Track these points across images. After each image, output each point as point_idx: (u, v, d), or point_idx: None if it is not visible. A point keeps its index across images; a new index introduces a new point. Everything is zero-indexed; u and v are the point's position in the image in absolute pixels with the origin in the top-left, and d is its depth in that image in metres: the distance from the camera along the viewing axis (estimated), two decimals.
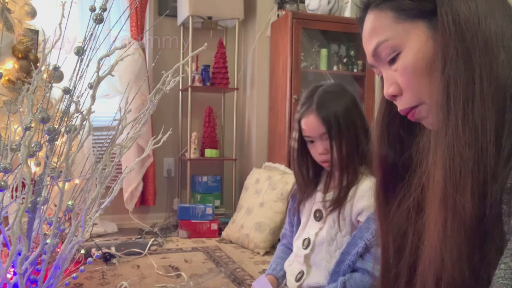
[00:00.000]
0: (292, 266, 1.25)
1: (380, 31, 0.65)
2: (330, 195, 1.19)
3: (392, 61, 0.65)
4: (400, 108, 0.67)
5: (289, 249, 1.34)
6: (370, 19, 0.67)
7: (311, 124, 1.17)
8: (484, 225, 0.56)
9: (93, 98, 0.79)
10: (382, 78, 0.70)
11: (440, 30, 0.60)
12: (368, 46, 0.68)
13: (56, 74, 1.00)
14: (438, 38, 0.60)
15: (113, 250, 2.18)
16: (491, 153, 0.56)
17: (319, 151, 1.17)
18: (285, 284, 1.28)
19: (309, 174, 1.25)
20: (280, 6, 3.07)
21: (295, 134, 1.23)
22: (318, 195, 1.23)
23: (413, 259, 0.69)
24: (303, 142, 1.22)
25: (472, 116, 0.56)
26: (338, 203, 1.16)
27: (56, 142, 0.90)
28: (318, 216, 1.21)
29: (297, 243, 1.25)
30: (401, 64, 0.63)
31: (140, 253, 2.25)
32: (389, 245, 0.76)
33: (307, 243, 1.21)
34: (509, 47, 0.58)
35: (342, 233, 1.16)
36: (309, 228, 1.23)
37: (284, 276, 1.29)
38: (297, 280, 1.20)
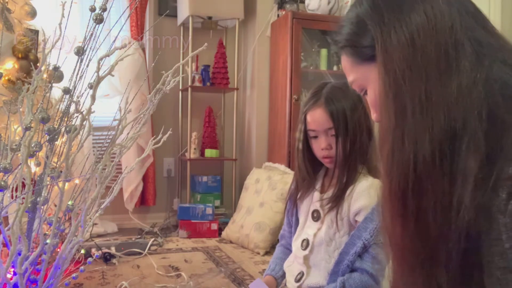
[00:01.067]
0: (292, 266, 1.25)
1: (348, 72, 0.71)
2: (327, 194, 1.19)
3: (365, 94, 0.71)
4: None
5: (288, 250, 1.34)
6: (342, 57, 0.72)
7: (318, 118, 1.16)
8: (439, 259, 0.58)
9: (93, 98, 0.79)
10: None
11: (378, 73, 0.63)
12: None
13: (56, 74, 1.00)
14: (382, 78, 0.63)
15: (113, 250, 2.18)
16: (432, 184, 0.57)
17: (322, 146, 1.17)
18: (285, 285, 1.28)
19: (309, 170, 1.25)
20: (280, 6, 3.07)
21: (299, 132, 1.23)
22: (316, 195, 1.23)
23: None
24: (307, 140, 1.21)
25: (402, 152, 0.59)
26: (336, 201, 1.15)
27: (56, 142, 0.90)
28: (316, 216, 1.21)
29: (296, 244, 1.25)
30: (369, 100, 0.70)
31: (140, 253, 2.25)
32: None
33: (305, 244, 1.21)
34: (459, 67, 0.58)
35: (341, 233, 1.16)
36: (307, 229, 1.23)
37: (283, 276, 1.29)
38: (297, 280, 1.20)
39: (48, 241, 0.83)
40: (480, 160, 0.55)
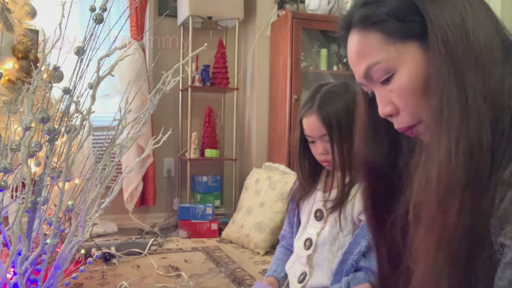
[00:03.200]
0: (294, 267, 1.24)
1: (369, 54, 0.64)
2: (331, 196, 1.19)
3: (386, 81, 0.64)
4: (397, 126, 0.66)
5: (288, 251, 1.34)
6: (356, 40, 0.65)
7: (311, 124, 1.17)
8: (475, 247, 0.56)
9: (93, 98, 0.79)
10: (372, 92, 0.68)
11: (431, 51, 0.59)
12: (358, 67, 0.66)
13: (56, 74, 1.00)
14: (431, 58, 0.59)
15: (113, 250, 2.18)
16: (486, 172, 0.55)
17: (319, 151, 1.17)
18: (287, 286, 1.27)
19: (309, 172, 1.25)
20: (280, 6, 3.07)
21: (297, 133, 1.23)
22: (319, 195, 1.23)
23: (408, 277, 0.67)
24: (304, 140, 1.21)
25: (467, 136, 0.55)
26: (340, 203, 1.15)
27: (56, 142, 0.90)
28: (319, 215, 1.21)
29: (298, 244, 1.25)
30: (396, 85, 0.62)
31: (140, 253, 2.25)
32: (384, 259, 0.75)
33: (309, 243, 1.20)
34: (497, 58, 0.58)
35: (344, 233, 1.16)
36: (310, 228, 1.23)
37: (285, 277, 1.29)
38: (300, 281, 1.20)
39: (48, 241, 0.83)
40: (503, 152, 0.55)
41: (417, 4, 0.60)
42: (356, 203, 1.14)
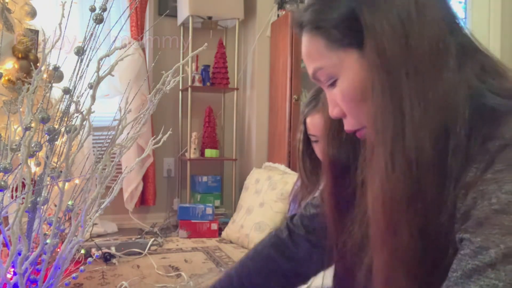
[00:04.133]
0: None
1: (315, 58, 0.63)
2: None
3: (331, 85, 0.63)
4: (346, 128, 0.66)
5: None
6: (305, 41, 0.65)
7: (318, 123, 1.16)
8: (431, 260, 0.55)
9: (93, 98, 0.79)
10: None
11: (367, 60, 0.57)
12: (308, 68, 0.66)
13: (56, 74, 1.00)
14: (368, 68, 0.58)
15: (113, 250, 2.18)
16: (431, 184, 0.54)
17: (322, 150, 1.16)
18: None
19: (312, 172, 1.25)
20: (280, 6, 3.07)
21: (300, 132, 1.23)
22: None
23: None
24: (307, 140, 1.21)
25: (403, 150, 0.54)
26: None
27: (56, 142, 0.90)
28: None
29: None
30: (338, 91, 0.62)
31: (140, 253, 2.25)
32: (343, 259, 0.74)
33: None
34: (448, 66, 0.55)
35: None
36: None
37: None
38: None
39: (48, 241, 0.83)
40: (461, 163, 0.53)
41: (356, 12, 0.58)
42: None
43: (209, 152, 3.03)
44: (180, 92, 3.17)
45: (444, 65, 0.55)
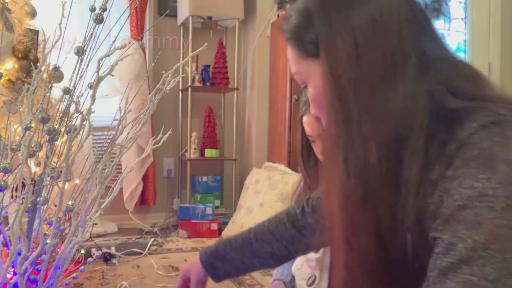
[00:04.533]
0: (302, 270, 1.24)
1: (292, 63, 0.68)
2: None
3: (306, 88, 0.68)
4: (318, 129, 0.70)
5: None
6: (287, 48, 0.70)
7: (311, 123, 1.16)
8: (391, 262, 0.57)
9: (93, 98, 0.79)
10: None
11: (321, 72, 0.61)
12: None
13: (56, 74, 1.00)
14: (323, 78, 0.61)
15: (113, 250, 2.18)
16: (381, 191, 0.56)
17: (319, 151, 1.16)
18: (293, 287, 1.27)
19: (314, 171, 1.24)
20: (280, 6, 3.07)
21: (299, 132, 1.22)
22: None
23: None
24: (307, 139, 1.21)
25: (354, 159, 0.57)
26: None
27: (56, 142, 0.90)
28: None
29: None
30: (309, 95, 0.67)
31: (140, 253, 2.25)
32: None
33: None
34: (405, 77, 0.57)
35: None
36: None
37: (291, 280, 1.28)
38: (309, 284, 1.19)
39: (48, 241, 0.83)
40: (421, 169, 0.55)
41: (313, 24, 0.62)
42: None
43: (209, 152, 3.03)
44: (180, 92, 3.17)
45: (400, 76, 0.57)
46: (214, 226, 2.73)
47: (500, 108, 0.54)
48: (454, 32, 3.75)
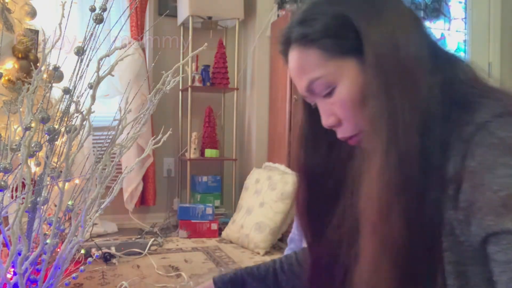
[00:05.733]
0: None
1: (310, 69, 0.66)
2: None
3: (328, 94, 0.66)
4: (340, 136, 0.69)
5: None
6: (295, 57, 0.68)
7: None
8: (416, 250, 0.58)
9: (93, 98, 0.79)
10: (316, 104, 0.71)
11: (366, 66, 0.62)
12: (299, 82, 0.69)
13: (56, 74, 1.00)
14: (366, 73, 0.62)
15: (113, 250, 2.18)
16: (417, 179, 0.58)
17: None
18: None
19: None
20: (280, 6, 3.07)
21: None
22: None
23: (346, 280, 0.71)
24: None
25: (396, 146, 0.58)
26: None
27: (56, 142, 0.90)
28: None
29: None
30: (338, 98, 0.65)
31: (140, 253, 2.25)
32: (320, 262, 0.78)
33: None
34: (427, 70, 0.61)
35: None
36: None
37: None
38: None
39: (48, 241, 0.83)
40: (440, 152, 0.58)
41: (352, 21, 0.62)
42: None
43: (209, 152, 3.03)
44: (180, 92, 3.17)
45: (424, 68, 0.61)
46: (214, 226, 2.73)
47: (507, 98, 0.58)
48: (454, 32, 3.75)
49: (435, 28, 3.68)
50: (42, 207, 0.87)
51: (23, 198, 0.69)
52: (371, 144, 0.62)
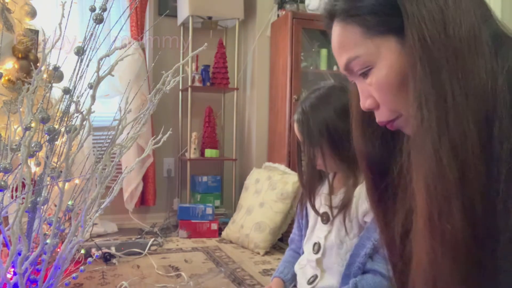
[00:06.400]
0: (305, 269, 1.24)
1: (349, 47, 0.63)
2: (335, 197, 1.19)
3: (365, 75, 0.63)
4: (378, 120, 0.65)
5: (297, 254, 1.33)
6: (337, 32, 0.65)
7: (295, 132, 1.19)
8: (479, 244, 0.54)
9: (93, 98, 0.79)
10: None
11: (407, 46, 0.57)
12: (340, 59, 0.66)
13: (56, 74, 1.00)
14: (408, 54, 0.58)
15: (113, 250, 2.18)
16: (477, 169, 0.53)
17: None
18: (294, 286, 1.27)
19: (310, 175, 1.25)
20: (280, 6, 3.07)
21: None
22: (324, 198, 1.22)
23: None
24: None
25: (449, 136, 0.54)
26: (343, 206, 1.15)
27: (56, 142, 0.90)
28: (325, 219, 1.20)
29: (307, 247, 1.25)
30: (374, 79, 0.61)
31: (140, 253, 2.25)
32: (394, 251, 0.73)
33: (317, 247, 1.20)
34: (484, 52, 0.55)
35: (350, 236, 1.14)
36: (318, 231, 1.22)
37: (291, 279, 1.28)
38: (310, 283, 1.19)
39: (48, 241, 0.83)
40: (508, 148, 0.52)
41: None
42: (360, 205, 1.13)
43: (209, 152, 3.03)
44: (180, 92, 3.17)
45: (480, 52, 0.55)
46: (214, 226, 2.73)
47: None
48: None
49: None
50: (42, 207, 0.87)
51: (23, 198, 0.69)
52: (418, 134, 0.57)
